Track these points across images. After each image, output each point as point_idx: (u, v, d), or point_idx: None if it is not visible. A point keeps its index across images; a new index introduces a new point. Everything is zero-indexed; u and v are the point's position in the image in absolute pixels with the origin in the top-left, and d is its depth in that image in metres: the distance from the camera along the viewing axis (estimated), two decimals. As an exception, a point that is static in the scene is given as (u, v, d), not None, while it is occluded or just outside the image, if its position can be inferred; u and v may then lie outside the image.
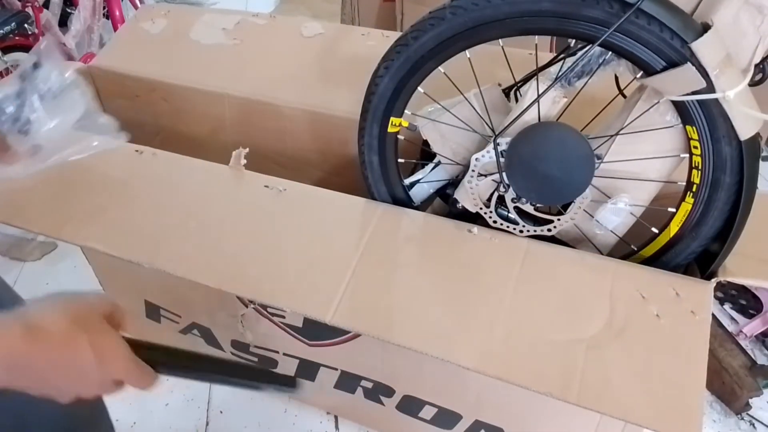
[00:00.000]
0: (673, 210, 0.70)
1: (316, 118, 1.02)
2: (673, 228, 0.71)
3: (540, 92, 0.68)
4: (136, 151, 0.87)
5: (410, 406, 1.01)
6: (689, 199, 0.68)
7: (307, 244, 0.74)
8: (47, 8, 2.06)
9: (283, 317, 0.97)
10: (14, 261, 1.62)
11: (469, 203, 0.77)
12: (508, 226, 0.75)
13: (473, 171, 0.74)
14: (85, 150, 0.62)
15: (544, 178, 0.68)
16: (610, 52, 0.66)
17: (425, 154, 0.84)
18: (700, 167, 0.65)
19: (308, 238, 0.75)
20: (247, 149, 0.84)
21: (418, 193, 0.83)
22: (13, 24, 1.78)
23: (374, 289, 0.69)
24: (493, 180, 0.74)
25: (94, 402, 0.71)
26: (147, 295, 1.16)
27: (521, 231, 0.74)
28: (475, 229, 0.75)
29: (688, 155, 0.67)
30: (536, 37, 0.67)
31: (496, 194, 0.74)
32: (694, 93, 0.60)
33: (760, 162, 0.65)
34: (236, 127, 1.10)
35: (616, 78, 0.72)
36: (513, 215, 0.74)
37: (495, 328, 0.65)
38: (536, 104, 0.69)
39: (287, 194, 0.81)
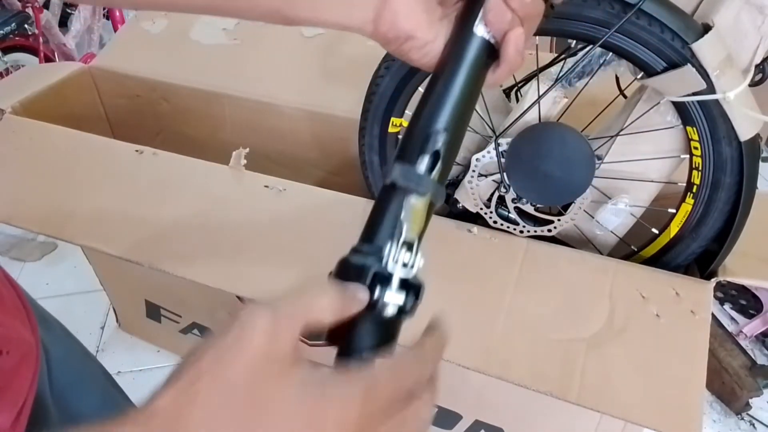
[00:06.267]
0: (674, 211, 0.70)
1: (316, 118, 1.02)
2: (674, 229, 0.71)
3: (541, 93, 0.69)
4: (136, 151, 0.87)
5: (410, 406, 1.01)
6: (689, 200, 0.68)
7: (307, 244, 0.74)
8: (47, 8, 2.06)
9: (283, 317, 0.97)
10: (14, 261, 1.62)
11: (470, 203, 0.77)
12: (508, 227, 0.75)
13: (474, 171, 0.74)
14: None
15: (545, 178, 0.68)
16: (611, 53, 0.66)
17: (425, 155, 0.84)
18: (700, 168, 0.65)
19: (308, 238, 0.75)
20: (247, 149, 0.84)
21: (419, 194, 0.83)
22: (13, 24, 1.78)
23: (374, 289, 0.69)
24: (493, 180, 0.74)
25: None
26: (147, 295, 1.16)
27: (521, 231, 0.74)
28: (475, 229, 0.75)
29: (688, 156, 0.67)
30: (536, 37, 0.67)
31: (496, 194, 0.74)
32: (694, 94, 0.60)
33: (760, 162, 0.65)
34: (236, 127, 1.10)
35: (617, 78, 0.72)
36: (513, 215, 0.74)
37: (495, 328, 0.65)
38: (537, 105, 0.69)
39: (287, 194, 0.81)
